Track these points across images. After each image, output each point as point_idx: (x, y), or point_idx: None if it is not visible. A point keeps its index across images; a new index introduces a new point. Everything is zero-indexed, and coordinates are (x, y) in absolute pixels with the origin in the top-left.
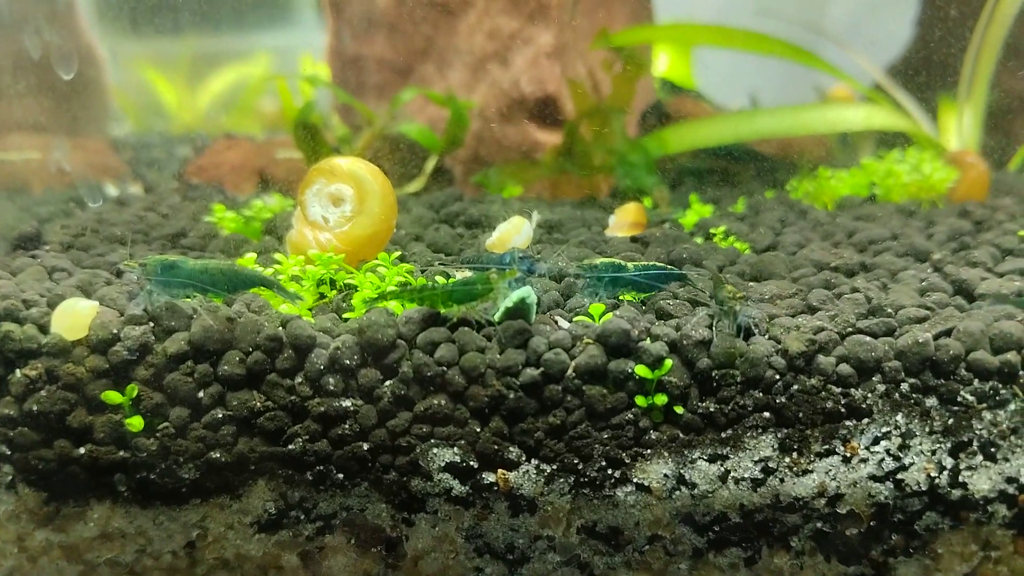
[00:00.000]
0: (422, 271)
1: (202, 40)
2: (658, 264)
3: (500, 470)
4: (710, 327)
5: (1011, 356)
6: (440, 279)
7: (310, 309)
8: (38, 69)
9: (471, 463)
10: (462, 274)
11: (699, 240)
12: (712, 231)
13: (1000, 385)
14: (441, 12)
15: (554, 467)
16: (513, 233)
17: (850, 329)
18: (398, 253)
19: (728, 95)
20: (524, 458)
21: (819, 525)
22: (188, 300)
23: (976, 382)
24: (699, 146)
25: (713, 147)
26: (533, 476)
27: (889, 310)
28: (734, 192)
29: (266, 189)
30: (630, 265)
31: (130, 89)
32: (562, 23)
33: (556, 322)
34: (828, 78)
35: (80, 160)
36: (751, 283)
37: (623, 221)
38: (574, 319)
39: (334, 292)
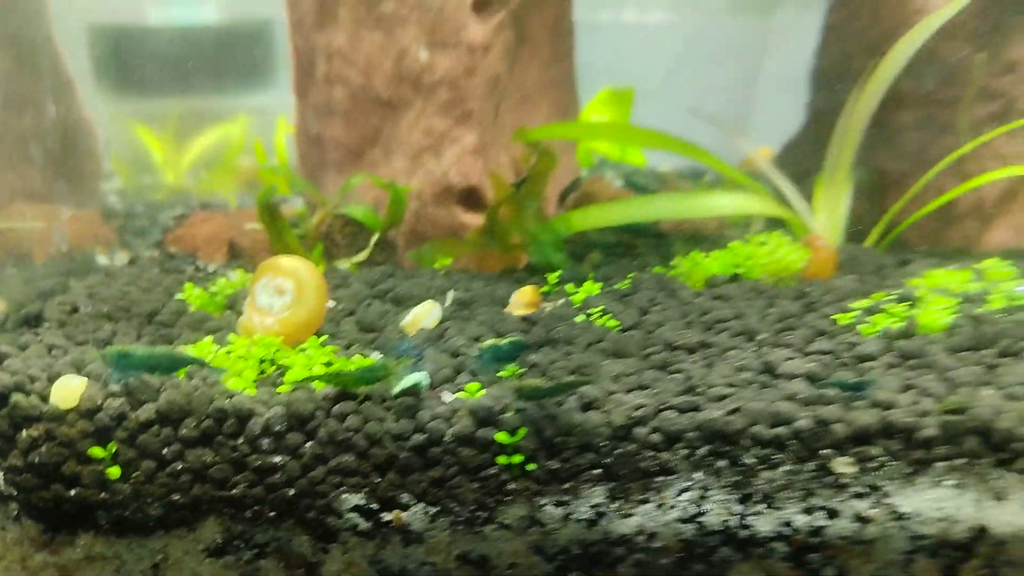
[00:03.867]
0: (346, 347)
1: (190, 101)
2: (500, 344)
3: (396, 511)
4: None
5: (782, 430)
6: (358, 358)
7: (255, 382)
8: (39, 140)
9: (373, 505)
10: (376, 356)
11: (580, 318)
12: (591, 311)
13: (774, 451)
14: (387, 107)
15: (437, 509)
16: (424, 316)
17: (663, 406)
18: (325, 337)
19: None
20: (414, 501)
21: (640, 556)
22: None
23: (756, 449)
24: (600, 226)
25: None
26: (421, 516)
27: (700, 388)
28: (634, 265)
29: (235, 256)
30: (484, 345)
31: (122, 147)
32: (484, 125)
33: (441, 397)
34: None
35: (76, 231)
36: (606, 360)
37: (519, 301)
38: (456, 394)
39: (273, 368)
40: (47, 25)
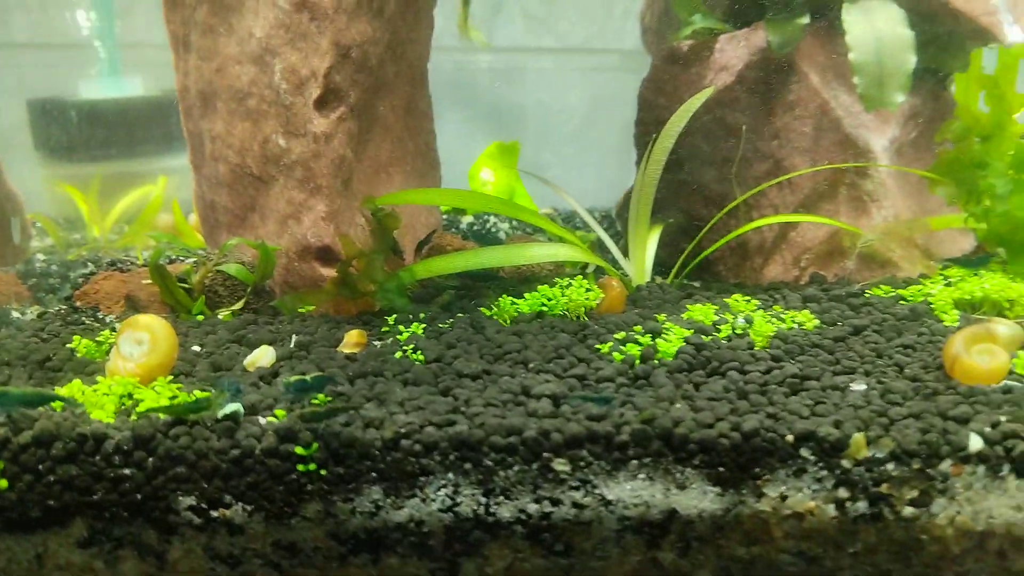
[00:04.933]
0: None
1: (117, 164)
2: (306, 378)
3: (221, 509)
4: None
5: (513, 439)
6: (197, 393)
7: (115, 413)
8: None
9: (203, 505)
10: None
11: (399, 354)
12: (405, 347)
13: (507, 456)
14: (259, 181)
15: (253, 507)
16: (261, 356)
17: (426, 423)
18: (177, 376)
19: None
20: (235, 501)
21: (412, 539)
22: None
23: (494, 454)
24: (443, 273)
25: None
26: (241, 512)
27: (462, 408)
28: (471, 306)
29: (133, 308)
30: (291, 379)
31: (56, 207)
32: (333, 196)
33: (258, 420)
34: None
35: None
36: (403, 388)
37: (348, 341)
38: (268, 418)
39: (131, 401)
40: None
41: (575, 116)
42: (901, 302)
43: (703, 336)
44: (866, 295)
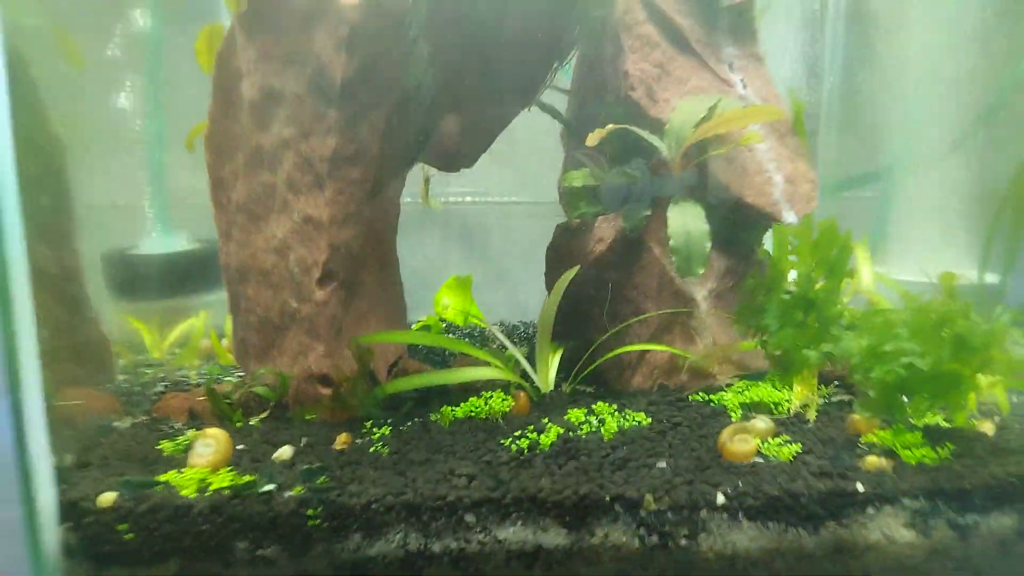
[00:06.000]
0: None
1: (170, 302)
2: (312, 468)
3: (261, 550)
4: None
5: (440, 502)
6: (246, 477)
7: (195, 491)
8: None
9: (251, 547)
10: (255, 475)
11: (373, 449)
12: (377, 444)
13: (437, 513)
14: (278, 329)
15: (282, 547)
16: (284, 453)
17: (388, 495)
18: (229, 468)
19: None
20: (270, 544)
21: (380, 567)
22: None
23: (429, 512)
24: (406, 389)
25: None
26: (273, 551)
27: (411, 485)
28: (426, 412)
29: (193, 418)
30: (304, 467)
31: (124, 335)
32: (328, 340)
33: (284, 494)
34: None
35: (100, 405)
36: (377, 470)
37: (339, 440)
38: (290, 493)
39: (204, 483)
40: (76, 257)
41: (519, 251)
42: (709, 404)
43: (570, 432)
44: (689, 399)
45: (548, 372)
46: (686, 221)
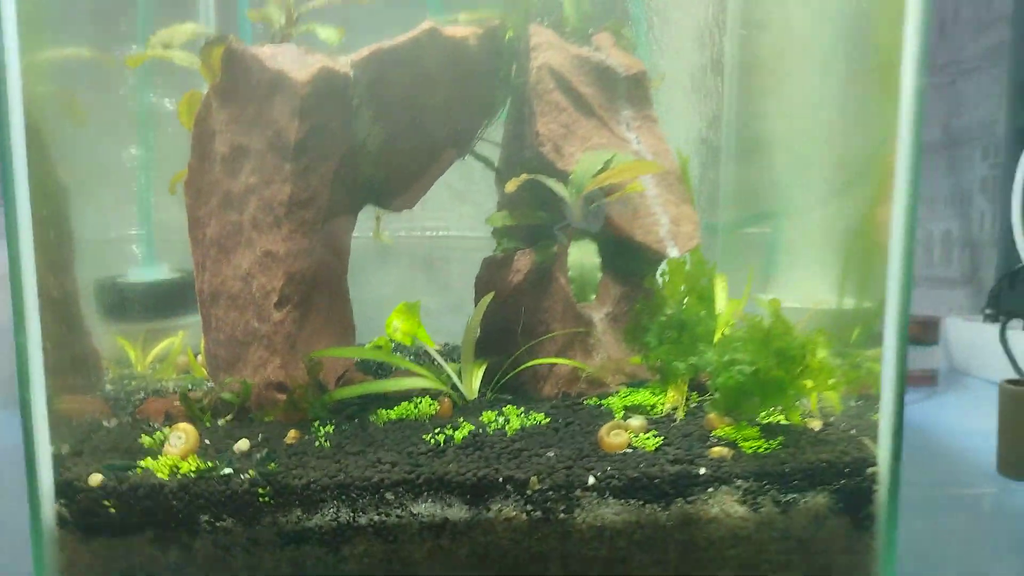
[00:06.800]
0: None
1: (152, 323)
2: (265, 455)
3: (221, 521)
4: None
5: (367, 483)
6: (209, 464)
7: (168, 474)
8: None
9: (212, 519)
10: (216, 462)
11: (317, 444)
12: (320, 440)
13: (364, 492)
14: (242, 344)
15: (236, 519)
16: (242, 445)
17: (324, 477)
18: (195, 456)
19: None
20: (228, 517)
21: (317, 536)
22: None
23: (357, 491)
24: (347, 396)
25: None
26: (231, 522)
27: (344, 471)
28: (367, 414)
29: (169, 419)
30: (261, 455)
31: (110, 351)
32: (284, 354)
33: (240, 476)
34: None
35: (87, 408)
36: (318, 459)
37: (291, 436)
38: (245, 475)
39: (176, 468)
40: (74, 283)
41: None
42: (600, 407)
43: (480, 429)
44: (584, 404)
45: (472, 382)
46: (582, 255)
